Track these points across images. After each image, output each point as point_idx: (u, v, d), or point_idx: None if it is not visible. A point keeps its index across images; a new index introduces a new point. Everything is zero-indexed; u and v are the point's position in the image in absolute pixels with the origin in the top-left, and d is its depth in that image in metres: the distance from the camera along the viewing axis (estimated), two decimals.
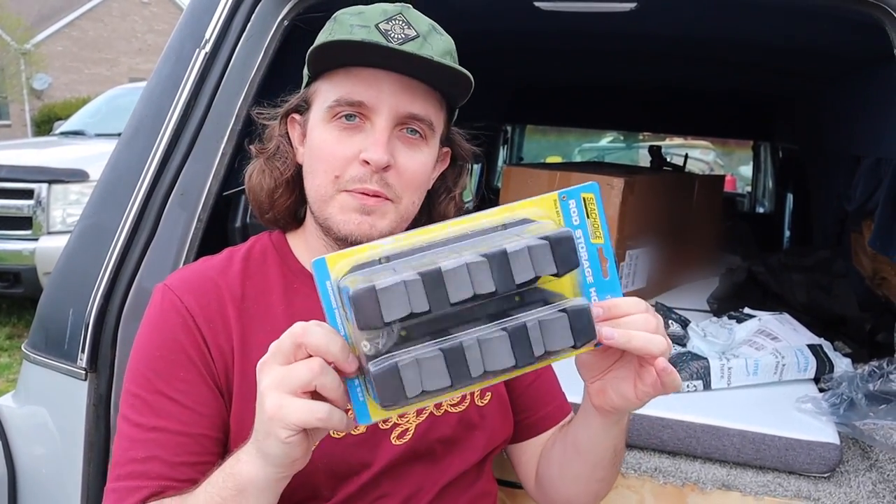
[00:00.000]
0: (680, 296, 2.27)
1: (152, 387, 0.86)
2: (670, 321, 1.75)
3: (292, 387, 0.63)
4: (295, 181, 0.96)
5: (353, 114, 0.87)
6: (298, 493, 0.84)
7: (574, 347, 0.64)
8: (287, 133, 0.97)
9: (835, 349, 1.65)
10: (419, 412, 0.94)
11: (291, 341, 0.64)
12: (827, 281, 1.89)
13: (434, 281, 0.58)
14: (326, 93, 0.89)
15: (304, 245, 0.99)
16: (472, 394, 0.99)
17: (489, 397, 1.01)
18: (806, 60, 2.04)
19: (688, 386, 1.50)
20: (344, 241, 0.88)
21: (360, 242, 0.72)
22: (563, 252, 0.62)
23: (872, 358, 1.64)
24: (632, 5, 1.62)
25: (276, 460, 0.67)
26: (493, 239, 0.64)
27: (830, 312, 1.83)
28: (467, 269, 0.58)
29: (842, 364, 1.56)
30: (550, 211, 0.70)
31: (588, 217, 0.71)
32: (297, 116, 0.96)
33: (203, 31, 1.40)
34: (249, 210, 1.64)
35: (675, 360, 1.55)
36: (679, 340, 1.68)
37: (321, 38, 0.91)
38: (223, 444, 0.89)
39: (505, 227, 0.67)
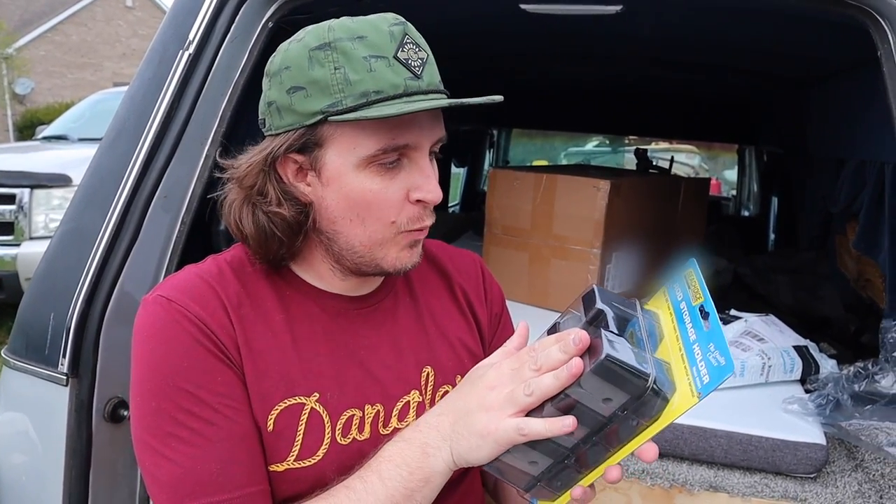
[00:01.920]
0: None
1: (194, 398, 0.79)
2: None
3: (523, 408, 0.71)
4: (303, 221, 0.88)
5: (394, 158, 0.83)
6: (311, 488, 0.84)
7: None
8: (275, 171, 0.86)
9: (820, 350, 1.65)
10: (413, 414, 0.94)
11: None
12: (812, 282, 1.90)
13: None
14: (358, 140, 0.81)
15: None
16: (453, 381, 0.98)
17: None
18: (790, 63, 2.06)
19: None
20: (379, 274, 0.90)
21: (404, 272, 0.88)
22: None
23: (857, 359, 1.65)
24: (617, 8, 1.62)
25: (469, 462, 0.75)
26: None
27: (816, 314, 1.83)
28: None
29: (827, 365, 1.57)
30: (661, 303, 0.79)
31: (689, 288, 0.77)
32: (296, 155, 0.84)
33: (187, 33, 1.39)
34: None
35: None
36: None
37: (337, 79, 0.79)
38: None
39: None
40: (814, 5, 1.29)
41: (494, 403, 0.72)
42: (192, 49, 1.39)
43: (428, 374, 0.95)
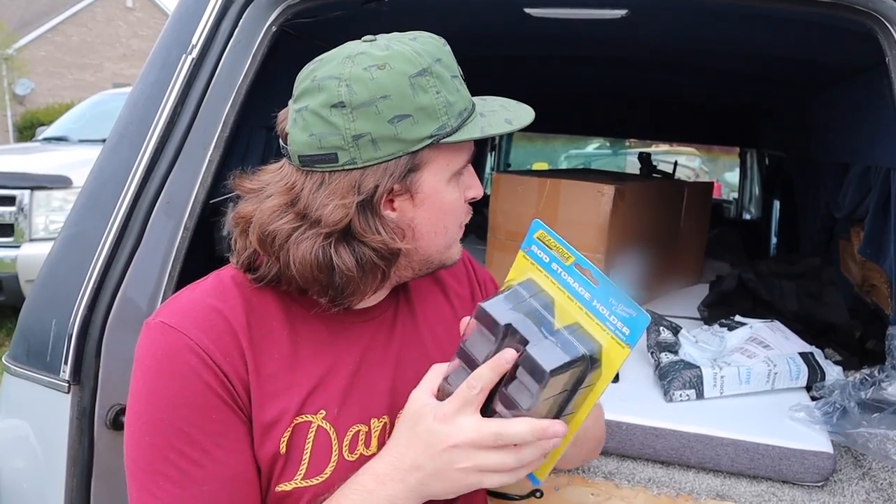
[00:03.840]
0: (669, 303, 2.26)
1: (186, 437, 0.78)
2: (661, 328, 1.75)
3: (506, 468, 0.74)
4: (398, 247, 0.87)
5: None
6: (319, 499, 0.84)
7: None
8: (373, 205, 0.82)
9: (825, 357, 1.64)
10: None
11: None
12: (817, 288, 1.89)
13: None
14: (452, 157, 0.85)
15: None
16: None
17: None
18: (796, 69, 2.05)
19: (681, 395, 1.49)
20: (437, 270, 0.94)
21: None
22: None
23: (863, 365, 1.64)
24: (622, 13, 1.62)
25: (428, 497, 0.77)
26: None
27: (821, 320, 1.82)
28: None
29: (833, 372, 1.56)
30: (527, 266, 0.81)
31: (551, 249, 0.79)
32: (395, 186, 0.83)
33: (190, 37, 1.38)
34: None
35: (668, 369, 1.55)
36: (670, 348, 1.67)
37: (440, 102, 0.80)
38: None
39: None
40: (822, 11, 1.28)
41: (460, 460, 0.74)
42: (195, 53, 1.38)
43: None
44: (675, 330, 1.74)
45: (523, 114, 0.90)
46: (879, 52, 1.26)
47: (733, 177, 6.42)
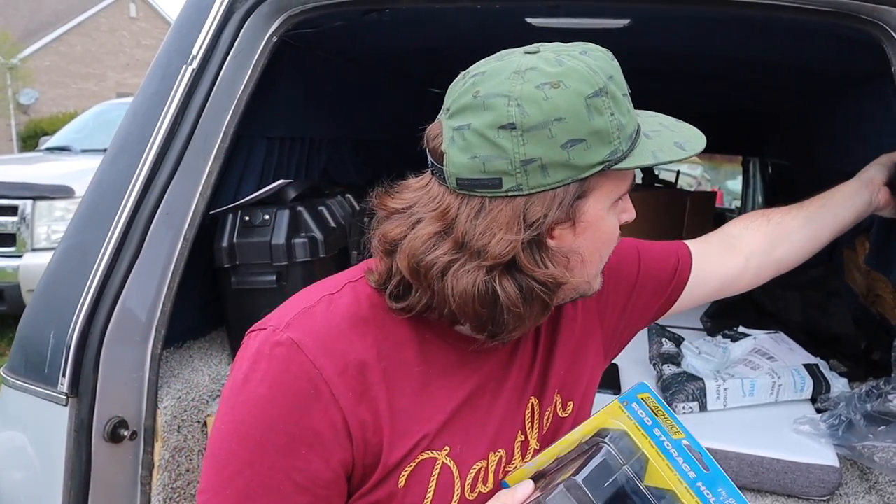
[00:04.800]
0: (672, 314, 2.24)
1: (270, 459, 0.74)
2: (663, 339, 1.73)
3: None
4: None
5: None
6: None
7: None
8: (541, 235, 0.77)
9: (830, 368, 1.63)
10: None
11: None
12: (821, 299, 1.87)
13: None
14: (617, 183, 0.79)
15: None
16: (554, 406, 0.94)
17: (571, 407, 0.97)
18: (800, 77, 2.04)
19: (684, 408, 1.48)
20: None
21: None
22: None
23: (868, 377, 1.62)
24: (625, 22, 1.61)
25: None
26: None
27: (825, 331, 1.81)
28: None
29: (838, 384, 1.55)
30: (622, 418, 0.78)
31: (657, 415, 0.77)
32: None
33: (190, 47, 1.37)
34: (237, 229, 1.62)
35: (671, 381, 1.53)
36: (672, 359, 1.66)
37: (613, 125, 0.74)
38: None
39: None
40: (827, 20, 1.28)
41: None
42: (195, 64, 1.37)
43: (532, 405, 0.91)
44: (678, 341, 1.73)
45: (693, 137, 0.84)
46: (884, 62, 1.26)
47: (736, 185, 6.41)
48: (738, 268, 1.18)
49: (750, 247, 1.20)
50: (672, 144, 0.80)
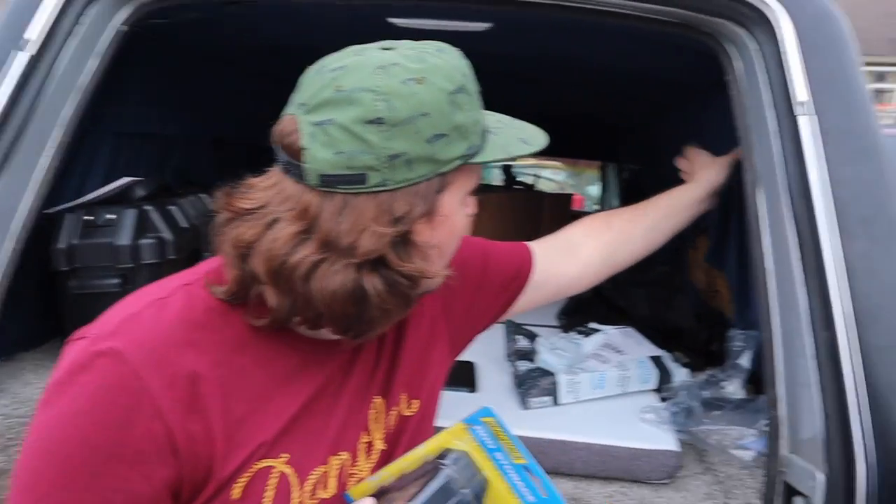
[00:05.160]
0: (529, 311, 2.31)
1: (84, 481, 0.69)
2: (518, 336, 1.79)
3: None
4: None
5: None
6: None
7: None
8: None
9: (674, 360, 1.74)
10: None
11: None
12: (666, 295, 2.00)
13: None
14: (470, 176, 0.82)
15: None
16: (398, 406, 0.94)
17: (417, 406, 0.97)
18: (650, 86, 2.17)
19: (537, 402, 1.53)
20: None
21: None
22: None
23: (708, 366, 1.75)
24: (486, 25, 1.65)
25: None
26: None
27: (670, 324, 1.93)
28: None
29: (680, 374, 1.65)
30: (466, 440, 0.80)
31: (500, 439, 0.79)
32: None
33: (23, 32, 1.27)
34: (79, 230, 1.52)
35: (525, 377, 1.58)
36: (527, 355, 1.71)
37: (470, 120, 0.77)
38: None
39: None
40: (667, 30, 1.36)
41: None
42: (31, 50, 1.27)
43: (376, 405, 0.90)
44: (533, 337, 1.79)
45: (534, 134, 0.88)
46: (722, 72, 1.36)
47: (596, 190, 6.74)
48: (577, 274, 1.27)
49: (589, 256, 1.28)
50: (517, 140, 0.84)
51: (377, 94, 0.71)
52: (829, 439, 1.08)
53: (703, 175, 1.47)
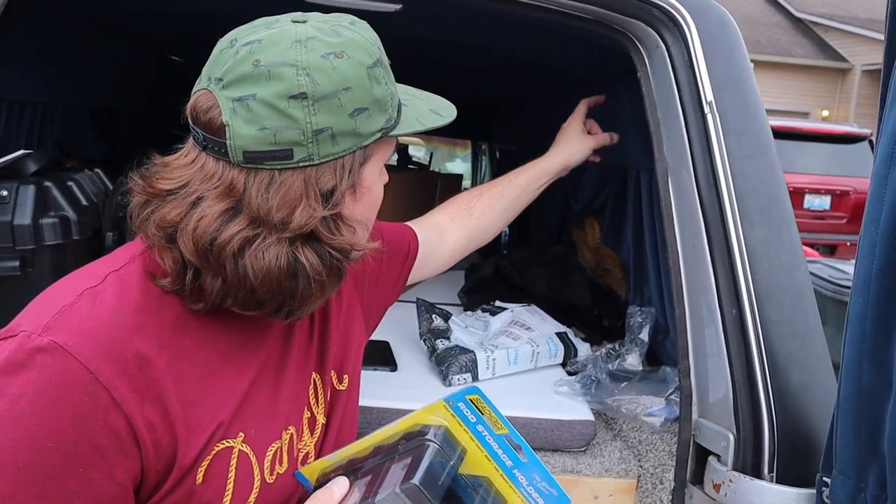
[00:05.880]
0: (427, 290, 2.37)
1: (37, 488, 0.65)
2: (433, 315, 1.83)
3: None
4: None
5: None
6: None
7: None
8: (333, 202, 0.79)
9: (574, 335, 1.85)
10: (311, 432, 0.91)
11: None
12: (563, 273, 2.11)
13: None
14: (388, 148, 0.85)
15: None
16: (331, 380, 0.96)
17: (346, 381, 0.99)
18: (542, 73, 2.26)
19: (458, 379, 1.59)
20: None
21: None
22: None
23: (603, 341, 1.88)
24: (397, 7, 1.66)
25: None
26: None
27: (566, 302, 2.05)
28: None
29: (583, 349, 1.77)
30: (446, 416, 0.80)
31: (483, 413, 0.80)
32: None
33: None
34: None
35: (445, 355, 1.63)
36: (443, 334, 1.76)
37: (388, 94, 0.80)
38: None
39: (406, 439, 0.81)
40: (581, 25, 1.44)
41: None
42: None
43: (315, 381, 0.92)
44: (447, 317, 1.84)
45: (444, 106, 0.90)
46: (627, 65, 1.45)
47: (454, 166, 6.95)
48: (447, 257, 1.41)
49: (455, 241, 1.41)
50: (429, 111, 0.88)
51: (298, 68, 0.71)
52: (737, 403, 1.22)
53: (564, 149, 1.56)
